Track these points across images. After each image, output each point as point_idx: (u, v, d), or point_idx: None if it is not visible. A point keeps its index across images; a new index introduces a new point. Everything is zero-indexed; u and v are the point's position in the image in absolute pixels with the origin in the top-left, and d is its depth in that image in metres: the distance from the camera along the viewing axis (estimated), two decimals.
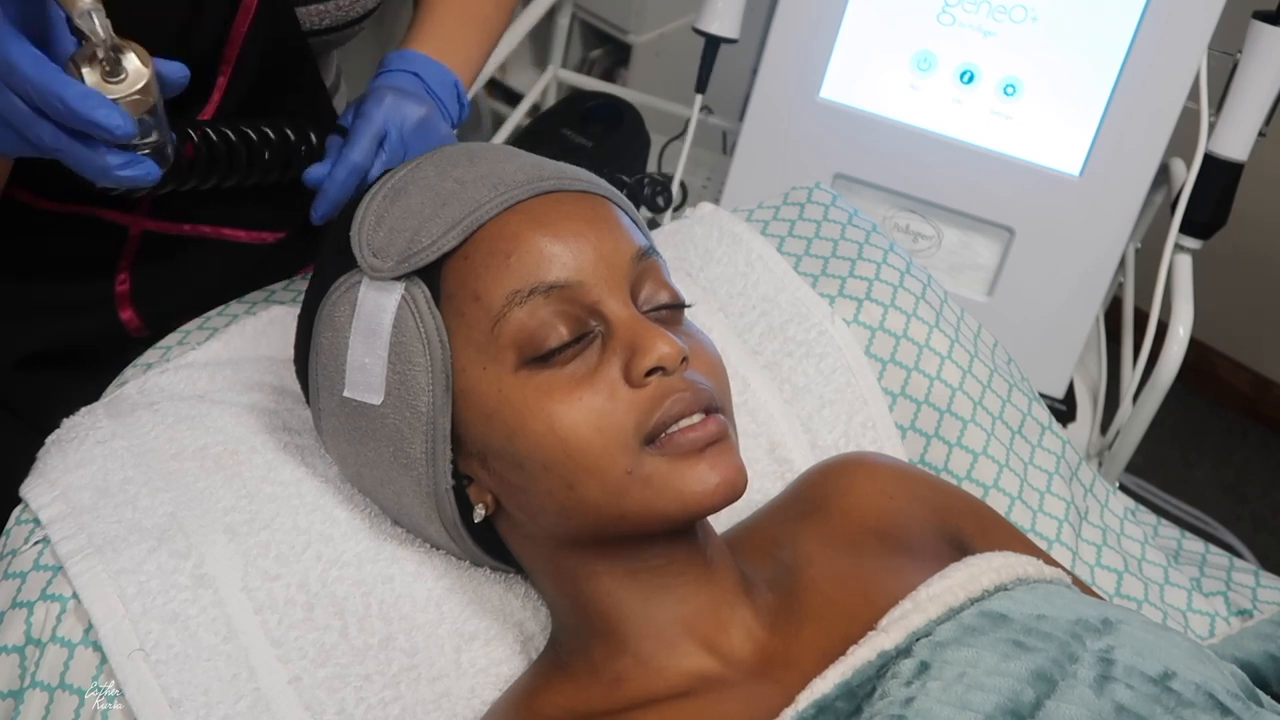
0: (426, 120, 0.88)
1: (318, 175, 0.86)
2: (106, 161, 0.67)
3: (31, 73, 0.63)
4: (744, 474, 0.65)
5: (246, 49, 0.89)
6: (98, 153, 0.66)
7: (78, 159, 0.66)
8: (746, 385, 0.90)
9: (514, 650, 0.75)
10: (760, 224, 1.02)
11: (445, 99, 0.95)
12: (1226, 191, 1.19)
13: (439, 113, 0.92)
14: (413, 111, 0.88)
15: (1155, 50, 1.13)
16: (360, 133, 0.86)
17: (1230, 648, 0.78)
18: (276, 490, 0.76)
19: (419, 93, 0.92)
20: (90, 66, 0.65)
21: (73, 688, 0.67)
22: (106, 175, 0.67)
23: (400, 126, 0.86)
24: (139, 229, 0.96)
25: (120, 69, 0.65)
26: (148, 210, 0.96)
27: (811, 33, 1.20)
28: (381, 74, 0.95)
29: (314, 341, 0.72)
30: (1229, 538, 2.11)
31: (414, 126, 0.87)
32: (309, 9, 0.94)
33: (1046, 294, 1.21)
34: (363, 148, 0.85)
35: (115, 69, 0.65)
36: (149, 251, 0.97)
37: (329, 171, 0.86)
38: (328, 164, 0.87)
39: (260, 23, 0.88)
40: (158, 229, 0.97)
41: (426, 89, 0.94)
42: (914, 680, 0.59)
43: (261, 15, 0.88)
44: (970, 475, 0.91)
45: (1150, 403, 1.16)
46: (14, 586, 0.71)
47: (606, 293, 0.66)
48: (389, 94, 0.88)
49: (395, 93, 0.88)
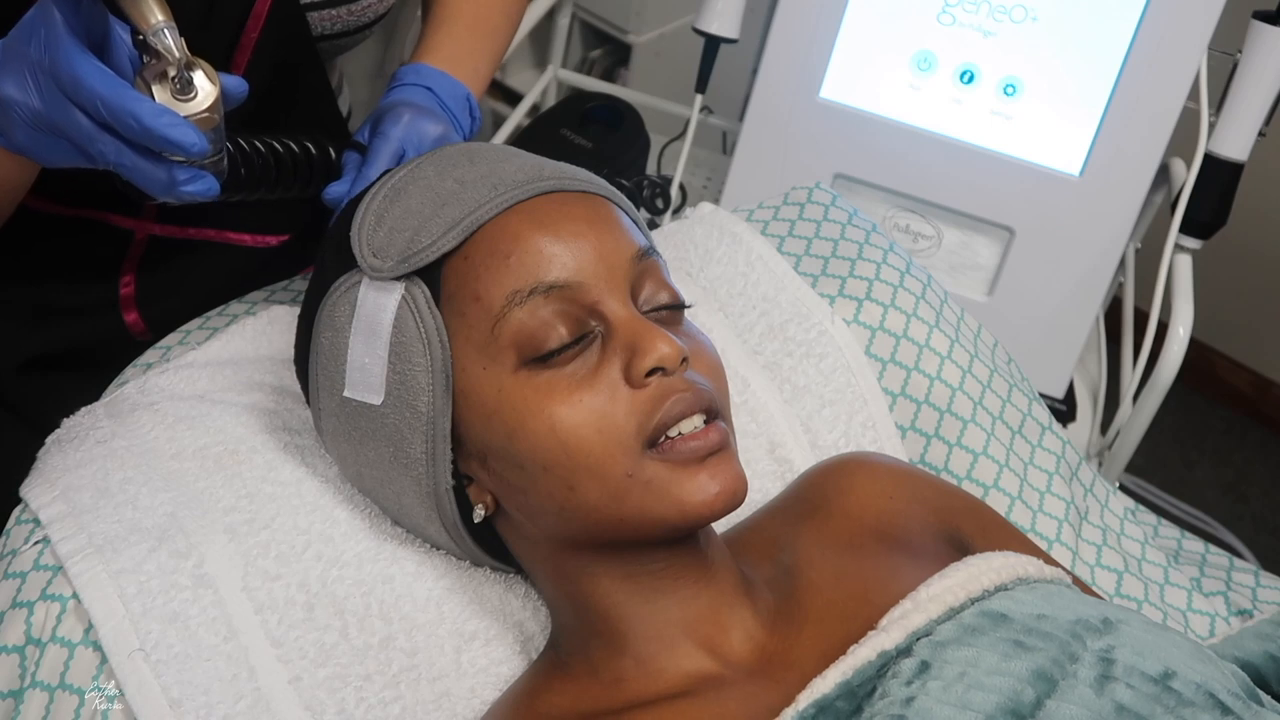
0: (444, 138, 0.88)
1: (337, 194, 0.86)
2: (174, 177, 0.66)
3: (103, 89, 0.62)
4: (744, 482, 0.65)
5: (257, 56, 0.89)
6: (163, 168, 0.66)
7: (143, 174, 0.66)
8: (746, 385, 0.90)
9: (514, 650, 0.75)
10: (760, 224, 1.02)
11: (458, 112, 0.95)
12: (1226, 191, 1.19)
13: (453, 128, 0.91)
14: (430, 130, 0.87)
15: (1155, 50, 1.13)
16: (379, 151, 0.85)
17: (1230, 648, 0.78)
18: (276, 490, 0.76)
19: (434, 109, 0.91)
20: (160, 84, 0.65)
21: (73, 688, 0.67)
22: (171, 190, 0.67)
23: (418, 145, 0.86)
24: (145, 233, 0.96)
25: (191, 86, 0.65)
26: (155, 215, 0.96)
27: (811, 33, 1.20)
28: (395, 88, 0.94)
29: (314, 341, 0.72)
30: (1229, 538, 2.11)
31: (431, 145, 0.87)
32: (320, 14, 0.94)
33: (1046, 294, 1.21)
34: (382, 166, 0.84)
35: (186, 87, 0.65)
36: (154, 255, 0.97)
37: (348, 190, 0.86)
38: (346, 182, 0.86)
39: (271, 29, 0.88)
40: (164, 234, 0.97)
41: (440, 103, 0.93)
42: (914, 680, 0.59)
43: (272, 22, 0.88)
44: (970, 475, 0.91)
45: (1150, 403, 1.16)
46: (14, 586, 0.71)
47: (606, 293, 0.66)
48: (407, 112, 0.87)
49: (413, 110, 0.87)
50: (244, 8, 0.87)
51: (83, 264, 0.96)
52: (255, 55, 0.89)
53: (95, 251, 0.96)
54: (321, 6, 0.94)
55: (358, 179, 0.85)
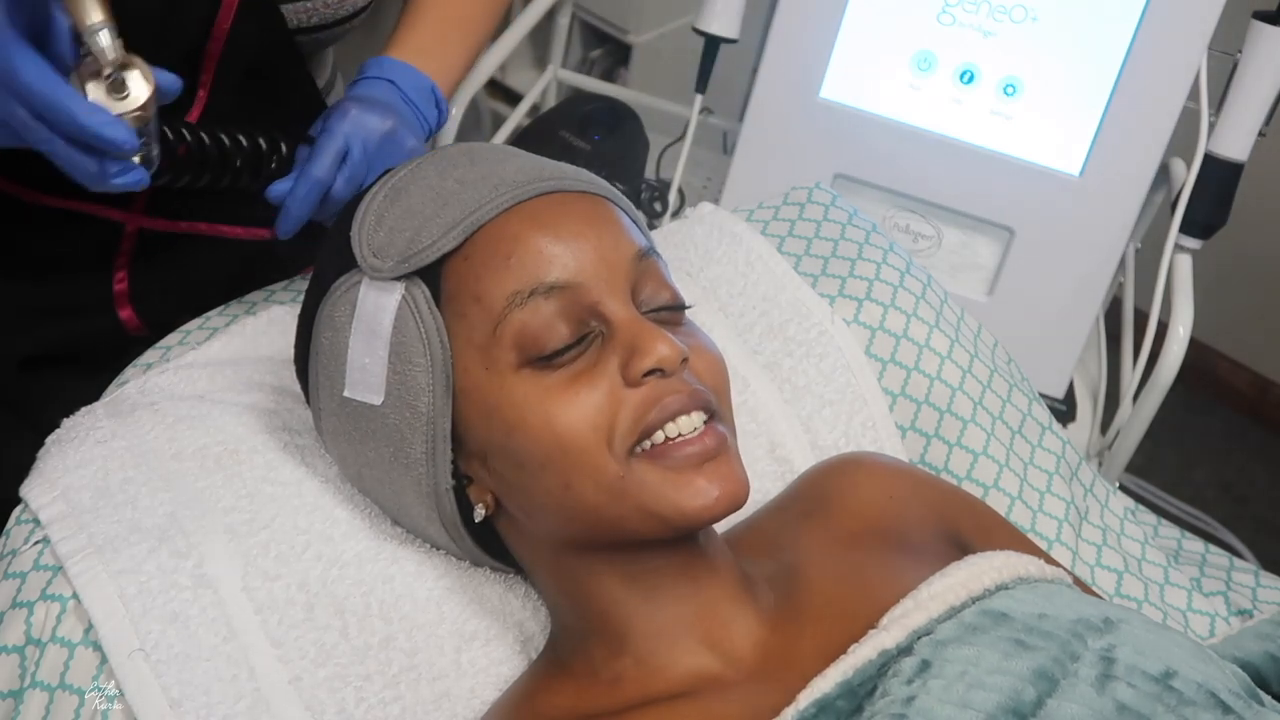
0: (391, 133, 0.88)
1: (279, 191, 0.86)
2: (104, 169, 0.68)
3: (37, 85, 0.64)
4: (745, 484, 0.65)
5: (230, 47, 0.89)
6: (93, 160, 0.68)
7: (72, 164, 0.68)
8: (746, 385, 0.90)
9: (514, 650, 0.75)
10: (760, 224, 1.02)
11: (421, 105, 0.95)
12: (1226, 191, 1.19)
13: (409, 123, 0.91)
14: (376, 125, 0.87)
15: (1155, 50, 1.13)
16: (322, 148, 0.85)
17: (1230, 648, 0.78)
18: (276, 490, 0.76)
19: (389, 102, 0.91)
20: (95, 81, 0.67)
21: (73, 688, 0.67)
22: (101, 182, 0.69)
23: (364, 141, 0.86)
24: (135, 226, 0.96)
25: (124, 86, 0.67)
26: (142, 208, 0.96)
27: (811, 33, 1.20)
28: (357, 82, 0.95)
29: (314, 341, 0.72)
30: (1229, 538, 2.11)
31: (378, 140, 0.87)
32: (295, 6, 0.94)
33: (1046, 294, 1.21)
34: (324, 163, 0.85)
35: (119, 86, 0.67)
36: (146, 249, 0.97)
37: (290, 188, 0.86)
38: (289, 180, 0.86)
39: (243, 20, 0.88)
40: (154, 227, 0.97)
41: (402, 96, 0.93)
42: (915, 679, 0.59)
43: (243, 12, 0.88)
44: (970, 475, 0.91)
45: (1150, 403, 1.16)
46: (14, 586, 0.71)
47: (607, 293, 0.66)
48: (353, 107, 0.87)
49: (360, 105, 0.88)
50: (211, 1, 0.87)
51: (75, 259, 0.96)
52: (228, 45, 0.89)
53: (87, 246, 0.96)
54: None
55: (300, 176, 0.86)
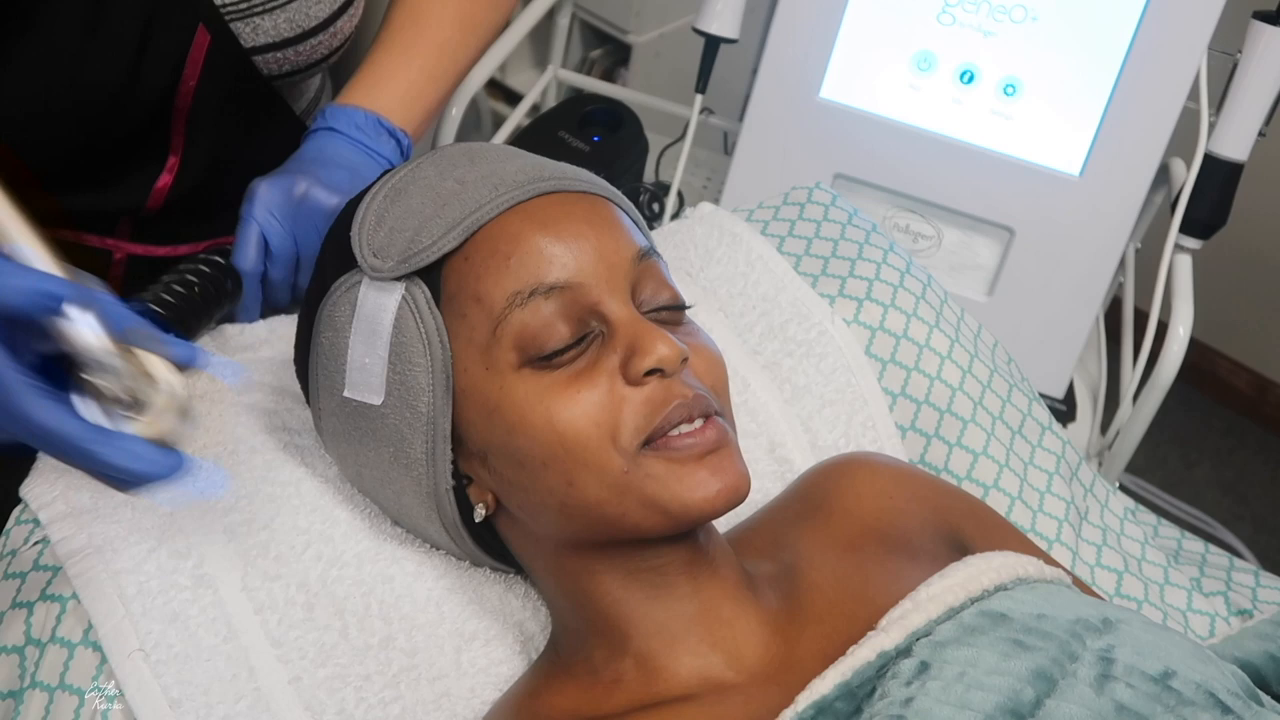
0: (304, 197, 0.88)
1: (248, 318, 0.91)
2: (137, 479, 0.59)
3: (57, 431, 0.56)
4: (746, 478, 0.65)
5: (199, 103, 0.90)
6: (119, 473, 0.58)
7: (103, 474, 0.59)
8: (746, 385, 0.90)
9: (514, 650, 0.75)
10: (760, 224, 1.02)
11: (369, 141, 0.95)
12: (1226, 191, 1.19)
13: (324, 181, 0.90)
14: (282, 198, 0.88)
15: (1155, 50, 1.13)
16: (241, 239, 0.87)
17: (1230, 648, 0.78)
18: (276, 490, 0.76)
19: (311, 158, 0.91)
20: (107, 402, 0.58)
21: (73, 688, 0.67)
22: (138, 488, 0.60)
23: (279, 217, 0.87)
24: (123, 254, 0.96)
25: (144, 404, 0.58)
26: (129, 234, 0.96)
27: (811, 33, 1.20)
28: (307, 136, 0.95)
29: (314, 341, 0.72)
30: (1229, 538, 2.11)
31: (293, 212, 0.88)
32: (266, 58, 0.93)
33: (1046, 294, 1.21)
34: (249, 255, 0.87)
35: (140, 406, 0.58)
36: (136, 276, 0.98)
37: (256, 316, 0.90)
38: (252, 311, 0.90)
39: (210, 75, 0.89)
40: (144, 253, 0.97)
41: (349, 140, 0.94)
42: (914, 680, 0.59)
43: (210, 68, 0.88)
44: (970, 475, 0.91)
45: (1150, 403, 1.16)
46: (14, 587, 0.71)
47: (607, 293, 0.66)
48: (259, 186, 0.88)
49: (268, 181, 0.88)
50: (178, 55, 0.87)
51: None
52: (197, 102, 0.90)
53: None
54: (265, 50, 0.93)
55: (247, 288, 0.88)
